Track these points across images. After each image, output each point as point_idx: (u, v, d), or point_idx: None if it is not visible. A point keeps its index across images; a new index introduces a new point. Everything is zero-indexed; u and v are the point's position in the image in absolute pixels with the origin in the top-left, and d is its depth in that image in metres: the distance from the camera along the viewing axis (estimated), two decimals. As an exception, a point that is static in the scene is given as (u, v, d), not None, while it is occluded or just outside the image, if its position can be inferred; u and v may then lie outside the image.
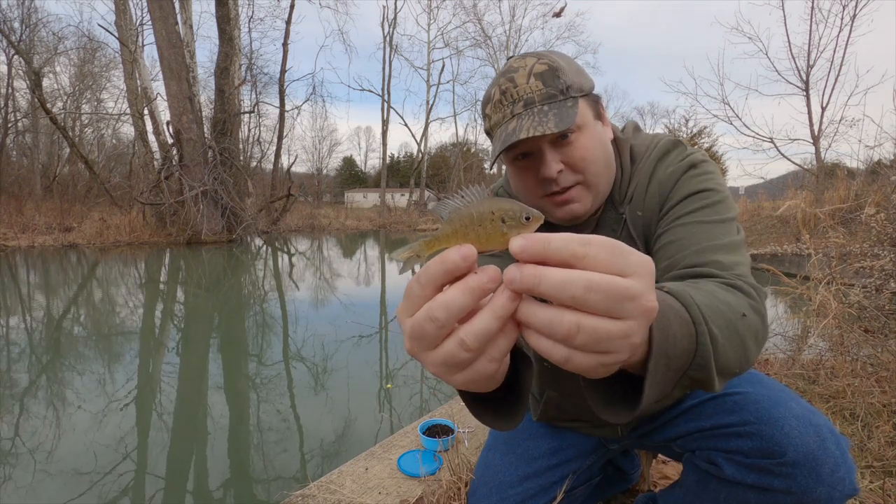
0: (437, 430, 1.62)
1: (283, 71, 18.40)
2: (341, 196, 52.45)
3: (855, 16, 8.61)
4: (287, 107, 18.69)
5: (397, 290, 6.53)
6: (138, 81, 13.61)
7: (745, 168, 36.36)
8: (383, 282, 7.59)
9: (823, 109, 8.87)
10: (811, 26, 9.03)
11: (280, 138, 18.30)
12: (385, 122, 28.22)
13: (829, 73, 8.84)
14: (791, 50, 9.24)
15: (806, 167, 9.27)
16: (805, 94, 9.12)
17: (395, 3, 41.65)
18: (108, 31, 14.92)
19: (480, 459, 1.05)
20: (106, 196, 13.85)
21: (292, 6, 17.91)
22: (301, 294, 6.24)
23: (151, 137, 13.56)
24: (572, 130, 0.75)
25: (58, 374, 3.18)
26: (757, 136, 9.34)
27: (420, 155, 31.10)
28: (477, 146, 35.39)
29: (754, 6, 15.13)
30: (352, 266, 9.47)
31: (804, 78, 9.15)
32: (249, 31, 21.08)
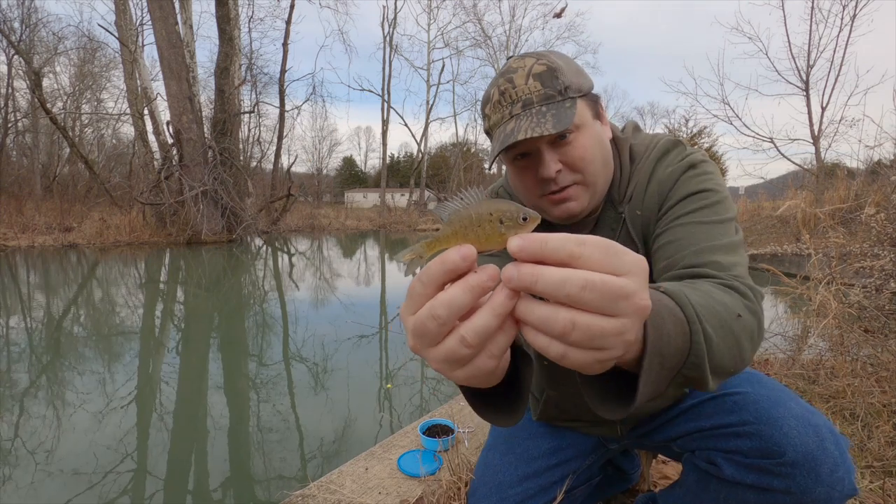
0: (437, 430, 1.62)
1: (283, 71, 18.42)
2: (341, 196, 52.44)
3: (855, 16, 8.62)
4: (287, 107, 18.71)
5: (397, 291, 6.53)
6: (138, 81, 13.62)
7: (745, 168, 36.36)
8: (383, 282, 7.60)
9: (823, 109, 8.88)
10: (811, 26, 9.05)
11: (280, 138, 18.32)
12: (385, 122, 28.26)
13: (829, 73, 8.86)
14: (791, 50, 9.26)
15: (806, 167, 9.28)
16: (805, 94, 9.12)
17: (395, 3, 41.85)
18: (108, 31, 14.95)
19: (480, 459, 1.05)
20: (106, 196, 13.85)
21: (292, 6, 17.92)
22: (301, 294, 6.24)
23: (151, 137, 13.57)
24: (570, 131, 0.75)
25: (58, 374, 3.18)
26: (757, 136, 9.34)
27: (420, 155, 31.13)
28: (477, 146, 35.46)
29: (754, 6, 15.15)
30: (352, 266, 9.47)
31: (804, 78, 9.15)
32: (249, 31, 21.13)
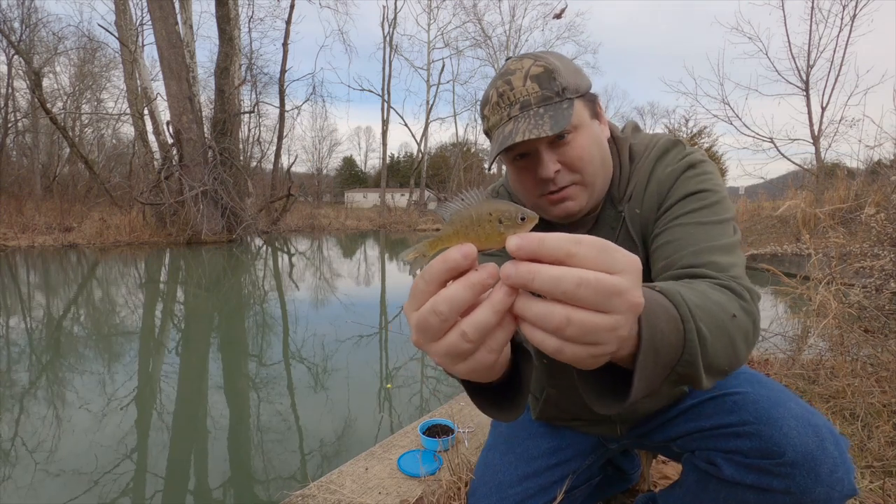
0: (437, 430, 1.62)
1: (283, 71, 18.41)
2: (341, 196, 52.44)
3: (855, 16, 8.62)
4: (287, 107, 18.70)
5: (397, 291, 6.53)
6: (138, 81, 13.61)
7: (745, 168, 36.42)
8: (383, 282, 7.60)
9: (823, 109, 8.88)
10: (811, 26, 9.05)
11: (280, 138, 18.31)
12: (385, 122, 28.26)
13: (829, 73, 8.86)
14: (791, 50, 9.27)
15: (806, 167, 9.28)
16: (805, 94, 9.12)
17: (395, 3, 41.82)
18: (108, 31, 14.94)
19: (480, 459, 1.05)
20: (106, 196, 13.85)
21: (292, 6, 17.91)
22: (301, 294, 6.24)
23: (151, 137, 13.56)
24: (568, 131, 0.76)
25: (58, 374, 3.18)
26: (757, 136, 9.35)
27: (420, 155, 31.12)
28: (477, 146, 35.43)
29: (754, 6, 15.16)
30: (352, 266, 9.47)
31: (804, 78, 9.15)
32: (249, 31, 21.12)
